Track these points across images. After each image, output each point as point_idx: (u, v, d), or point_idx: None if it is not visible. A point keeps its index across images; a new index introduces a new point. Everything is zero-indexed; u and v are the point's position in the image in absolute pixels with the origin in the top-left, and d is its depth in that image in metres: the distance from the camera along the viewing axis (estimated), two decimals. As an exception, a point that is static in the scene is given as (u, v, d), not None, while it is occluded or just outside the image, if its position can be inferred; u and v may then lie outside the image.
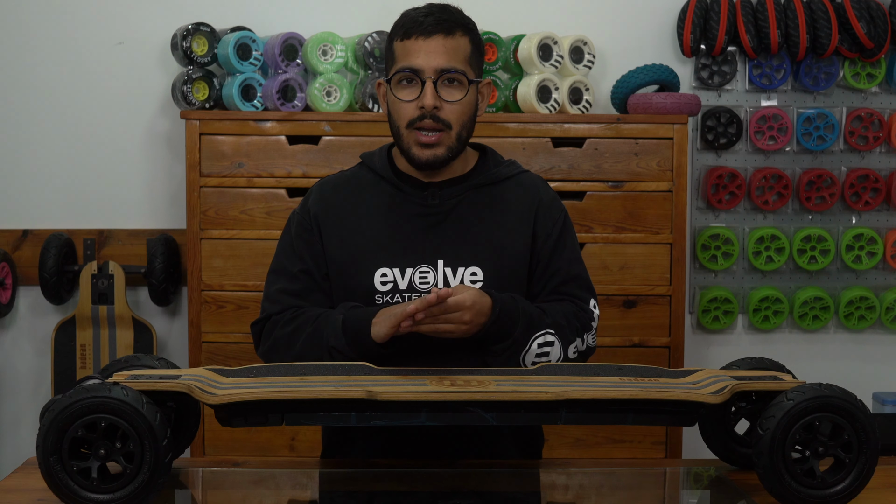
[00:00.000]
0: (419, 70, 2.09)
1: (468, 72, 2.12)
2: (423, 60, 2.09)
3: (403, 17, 2.15)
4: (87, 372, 3.58)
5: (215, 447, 3.29)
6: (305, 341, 2.08)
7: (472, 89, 2.14)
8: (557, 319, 2.11)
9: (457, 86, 2.11)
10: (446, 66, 2.09)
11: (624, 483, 2.08)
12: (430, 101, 2.08)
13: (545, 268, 2.19)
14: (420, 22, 2.10)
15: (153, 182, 3.69)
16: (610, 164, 3.37)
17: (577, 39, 3.51)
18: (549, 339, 2.09)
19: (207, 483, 2.09)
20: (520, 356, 2.07)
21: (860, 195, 3.75)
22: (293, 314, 2.13)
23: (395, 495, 1.96)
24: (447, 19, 2.11)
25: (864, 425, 1.76)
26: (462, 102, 2.12)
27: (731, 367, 2.04)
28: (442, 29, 2.10)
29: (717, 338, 3.84)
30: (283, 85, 3.39)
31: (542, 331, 2.08)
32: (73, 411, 1.68)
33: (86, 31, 3.65)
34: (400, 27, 2.13)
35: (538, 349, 2.08)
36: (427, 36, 2.09)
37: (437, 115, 2.09)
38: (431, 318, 1.96)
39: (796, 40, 3.60)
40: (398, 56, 2.12)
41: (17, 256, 3.67)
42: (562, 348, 2.10)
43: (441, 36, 2.09)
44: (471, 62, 2.14)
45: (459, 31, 2.12)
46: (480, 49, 2.18)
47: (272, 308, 2.16)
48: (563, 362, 2.11)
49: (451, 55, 2.10)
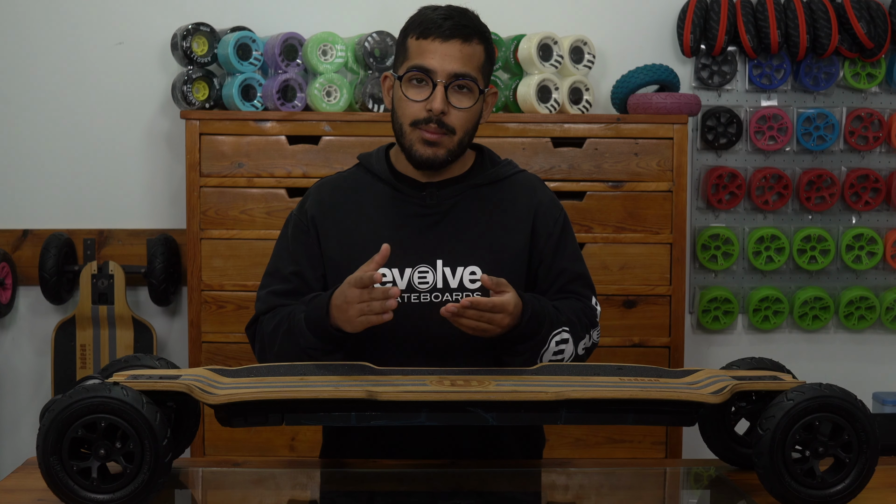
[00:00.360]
0: (432, 71, 2.08)
1: (479, 80, 2.12)
2: (438, 63, 2.08)
3: (422, 16, 2.13)
4: (87, 372, 3.58)
5: (215, 447, 3.29)
6: (282, 340, 2.08)
7: (480, 98, 2.14)
8: (570, 316, 2.13)
9: (466, 93, 2.11)
10: (460, 72, 2.08)
11: (624, 483, 2.08)
12: (438, 106, 2.08)
13: (549, 267, 2.20)
14: (439, 24, 2.09)
15: (153, 182, 3.69)
16: (610, 164, 3.37)
17: (577, 39, 3.51)
18: (565, 336, 2.10)
19: (207, 483, 2.09)
20: (539, 354, 2.08)
21: (860, 195, 3.75)
22: (274, 313, 2.14)
23: (395, 495, 1.96)
24: (466, 25, 2.11)
25: (864, 425, 1.76)
26: (470, 110, 2.12)
27: (731, 367, 2.04)
28: (460, 34, 2.09)
29: (717, 338, 3.84)
30: (283, 85, 3.39)
31: (558, 328, 2.09)
32: (73, 411, 1.68)
33: (86, 31, 3.65)
34: (417, 25, 2.12)
35: (555, 347, 2.09)
36: (445, 39, 2.08)
37: (443, 120, 2.09)
38: (477, 315, 1.95)
39: (796, 40, 3.60)
40: (412, 53, 2.11)
41: (17, 256, 3.67)
42: (574, 345, 2.11)
43: (458, 41, 2.09)
44: (483, 70, 2.13)
45: (476, 39, 2.12)
46: (492, 58, 2.18)
47: (260, 308, 2.18)
48: (573, 359, 2.12)
49: (466, 61, 2.09)
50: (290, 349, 2.06)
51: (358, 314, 1.95)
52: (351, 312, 1.95)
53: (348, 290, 1.96)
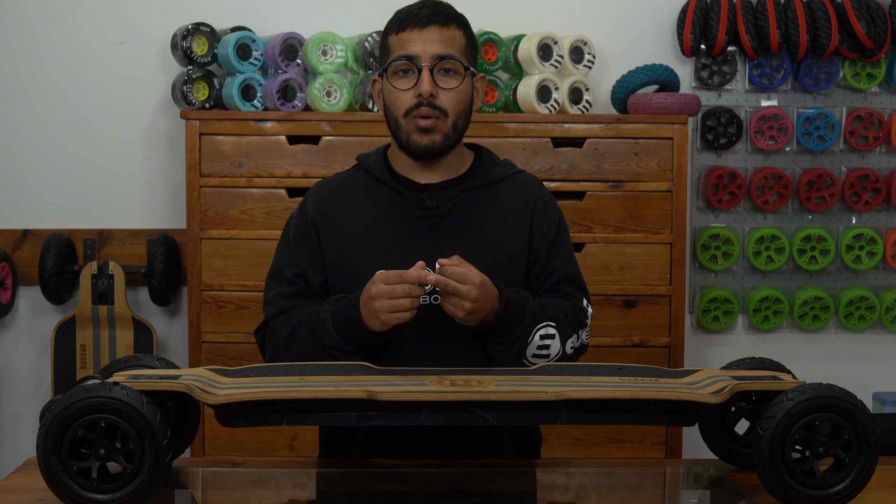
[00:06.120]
0: (415, 57, 2.11)
1: (463, 59, 2.14)
2: (420, 48, 2.11)
3: (397, 14, 2.18)
4: (87, 372, 3.58)
5: (215, 447, 3.29)
6: (303, 341, 2.09)
7: (468, 79, 2.15)
8: (556, 314, 2.13)
9: (453, 74, 2.13)
10: (442, 53, 2.11)
11: (624, 483, 2.08)
12: (427, 88, 2.09)
13: (542, 267, 2.20)
14: (415, 14, 2.14)
15: (153, 182, 3.69)
16: (610, 164, 3.37)
17: (577, 39, 3.51)
18: (551, 331, 2.10)
19: (207, 483, 2.09)
20: (525, 348, 2.08)
21: (860, 195, 3.75)
22: (287, 316, 2.14)
23: (395, 495, 1.96)
24: (442, 12, 2.15)
25: (864, 425, 1.76)
26: (458, 90, 2.13)
27: (731, 367, 2.04)
28: (437, 20, 2.13)
29: (717, 338, 3.84)
30: (283, 85, 3.39)
31: (543, 322, 2.09)
32: (73, 411, 1.68)
33: (86, 31, 3.65)
34: (394, 22, 2.17)
35: (539, 341, 2.08)
36: (423, 27, 2.12)
37: (434, 102, 2.11)
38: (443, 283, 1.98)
39: (796, 40, 3.60)
40: (393, 48, 2.15)
41: (17, 256, 3.67)
42: (561, 342, 2.11)
43: (436, 26, 2.12)
44: (466, 53, 2.16)
45: (454, 24, 2.15)
46: (474, 44, 2.20)
47: (270, 312, 2.18)
48: (561, 358, 2.12)
49: (447, 43, 2.12)
50: (311, 350, 2.07)
51: (388, 309, 1.97)
52: (377, 306, 1.97)
53: (374, 287, 1.98)
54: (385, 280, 1.98)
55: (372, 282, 2.00)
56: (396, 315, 1.98)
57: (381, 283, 1.98)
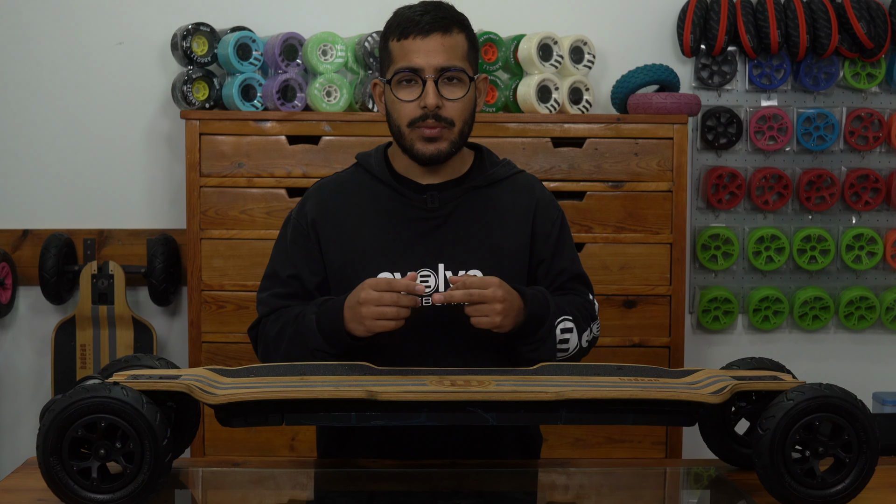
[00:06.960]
0: (419, 69, 2.08)
1: (467, 68, 2.12)
2: (423, 60, 2.08)
3: (397, 17, 2.14)
4: (87, 372, 3.58)
5: (215, 447, 3.29)
6: (290, 341, 2.09)
7: (472, 86, 2.14)
8: (571, 308, 2.14)
9: (457, 83, 2.11)
10: (446, 65, 2.09)
11: (624, 483, 2.08)
12: (432, 101, 2.08)
13: (549, 267, 2.20)
14: (416, 21, 2.09)
15: (153, 182, 3.69)
16: (610, 164, 3.37)
17: (577, 39, 3.51)
18: (569, 325, 2.11)
19: (207, 483, 2.09)
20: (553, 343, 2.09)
21: (860, 195, 3.75)
22: (277, 315, 2.14)
23: (395, 495, 1.96)
24: (443, 17, 2.11)
25: (864, 425, 1.76)
26: (463, 100, 2.12)
27: (731, 367, 2.04)
28: (439, 27, 2.09)
29: (717, 338, 3.84)
30: (283, 85, 3.39)
31: (561, 316, 2.10)
32: (73, 411, 1.68)
33: (86, 31, 3.65)
34: (395, 27, 2.12)
35: (560, 335, 2.09)
36: (425, 35, 2.08)
37: (440, 113, 2.09)
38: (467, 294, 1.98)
39: (796, 40, 3.60)
40: (396, 56, 2.11)
41: (17, 256, 3.67)
42: (578, 335, 2.12)
43: (439, 34, 2.09)
44: (468, 58, 2.14)
45: (456, 29, 2.12)
46: (475, 44, 2.18)
47: (263, 311, 2.18)
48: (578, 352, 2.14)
49: (450, 53, 2.10)
50: (297, 351, 2.07)
51: (373, 316, 1.96)
52: (363, 312, 1.96)
53: (363, 292, 1.97)
54: (374, 287, 1.97)
55: (361, 287, 1.99)
56: (381, 323, 1.97)
57: (370, 290, 1.97)
